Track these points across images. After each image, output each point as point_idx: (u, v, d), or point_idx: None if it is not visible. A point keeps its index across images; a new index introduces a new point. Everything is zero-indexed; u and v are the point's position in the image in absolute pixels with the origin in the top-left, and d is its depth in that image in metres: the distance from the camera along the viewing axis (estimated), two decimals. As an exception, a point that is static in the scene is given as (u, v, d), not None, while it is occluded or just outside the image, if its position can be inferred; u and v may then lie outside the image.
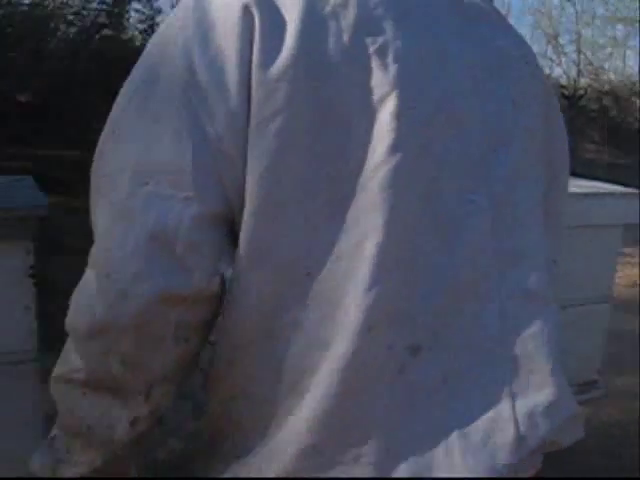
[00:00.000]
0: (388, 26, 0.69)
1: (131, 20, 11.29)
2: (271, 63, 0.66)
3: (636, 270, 5.87)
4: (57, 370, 0.78)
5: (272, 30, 0.66)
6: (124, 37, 10.73)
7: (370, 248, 0.68)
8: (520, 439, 0.75)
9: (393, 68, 0.68)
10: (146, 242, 0.68)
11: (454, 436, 0.72)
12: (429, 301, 0.71)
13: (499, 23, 0.81)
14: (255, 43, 0.66)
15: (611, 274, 2.46)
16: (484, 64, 0.77)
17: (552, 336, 0.79)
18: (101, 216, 0.71)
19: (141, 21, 11.63)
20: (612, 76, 17.02)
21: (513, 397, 0.75)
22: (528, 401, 0.76)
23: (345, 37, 0.68)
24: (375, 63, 0.68)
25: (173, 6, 13.55)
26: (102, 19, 10.15)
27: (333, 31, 0.67)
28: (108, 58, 8.99)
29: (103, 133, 0.75)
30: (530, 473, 0.80)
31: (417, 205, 0.70)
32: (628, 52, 19.08)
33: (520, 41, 0.84)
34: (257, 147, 0.66)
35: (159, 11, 12.31)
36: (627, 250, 5.87)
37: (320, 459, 0.71)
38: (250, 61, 0.67)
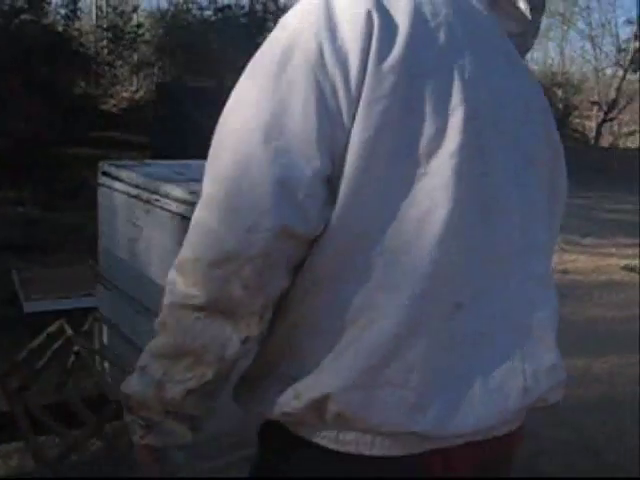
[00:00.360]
0: (467, 53, 0.89)
1: (52, 4, 10.98)
2: (384, 59, 0.82)
3: (566, 256, 6.09)
4: (168, 300, 0.89)
5: (387, 33, 0.84)
6: (45, 22, 10.42)
7: (440, 215, 0.85)
8: (525, 390, 0.92)
9: (466, 84, 0.87)
10: (274, 186, 0.80)
11: (477, 380, 0.89)
12: (473, 268, 0.89)
13: (524, 65, 1.05)
14: (373, 41, 0.83)
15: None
16: (522, 96, 0.98)
17: (555, 313, 0.97)
18: (225, 164, 0.84)
19: (63, 5, 11.33)
20: (534, 67, 17.56)
21: (524, 357, 0.92)
22: (535, 362, 0.93)
23: (437, 52, 0.86)
24: (455, 77, 0.87)
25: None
26: (21, 2, 9.82)
27: (430, 45, 0.86)
28: (28, 44, 8.70)
29: (232, 99, 0.88)
30: (516, 425, 0.97)
31: (471, 192, 0.88)
32: (550, 43, 19.69)
33: (535, 78, 1.09)
34: (363, 121, 0.82)
35: (82, -5, 12.02)
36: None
37: (375, 378, 0.85)
38: (368, 54, 0.82)
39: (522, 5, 1.01)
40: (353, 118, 0.83)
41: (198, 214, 0.86)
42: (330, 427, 0.88)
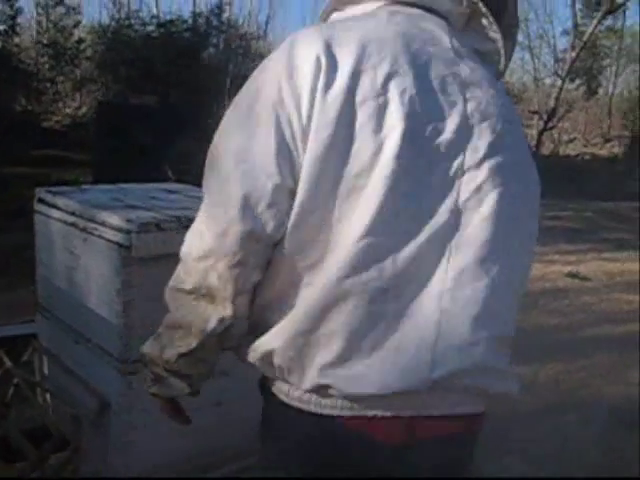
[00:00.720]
0: (408, 78, 1.05)
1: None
2: (328, 92, 1.02)
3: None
4: (170, 283, 1.14)
5: (332, 73, 1.03)
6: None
7: (366, 217, 1.02)
8: (433, 363, 1.05)
9: (406, 105, 1.03)
10: (240, 200, 1.03)
11: (391, 351, 1.04)
12: (397, 262, 1.04)
13: (487, 80, 1.16)
14: (320, 80, 1.02)
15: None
16: (479, 108, 1.11)
17: (481, 302, 1.08)
18: (211, 182, 1.09)
19: (1, 21, 11.09)
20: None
21: (439, 334, 1.05)
22: (447, 341, 1.06)
23: (378, 82, 1.04)
24: (396, 100, 1.03)
25: (37, 5, 13.00)
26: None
27: (371, 77, 1.04)
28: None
29: (219, 128, 1.11)
30: (460, 410, 1.10)
31: (402, 196, 1.03)
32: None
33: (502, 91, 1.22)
34: (314, 143, 1.01)
35: (20, 11, 11.79)
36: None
37: (305, 340, 1.06)
38: (316, 91, 1.02)
39: (493, 26, 1.18)
40: (306, 142, 1.02)
41: (196, 218, 1.11)
42: (284, 382, 1.11)
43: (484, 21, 1.18)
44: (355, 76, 1.03)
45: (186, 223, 1.72)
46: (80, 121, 11.91)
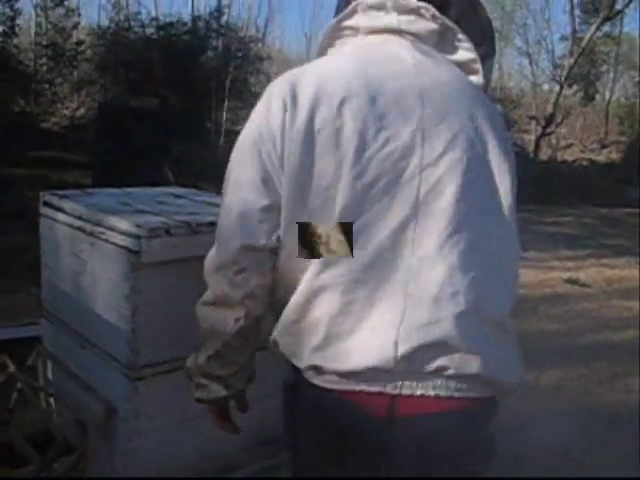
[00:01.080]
0: (362, 99, 1.23)
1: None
2: (293, 126, 1.23)
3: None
4: (199, 301, 1.38)
5: (294, 109, 1.24)
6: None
7: (334, 220, 1.20)
8: (398, 341, 1.18)
9: (358, 124, 1.21)
10: (237, 219, 1.28)
11: (367, 333, 1.20)
12: (364, 256, 1.20)
13: (454, 88, 1.31)
14: (287, 117, 1.24)
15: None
16: (438, 112, 1.26)
17: (441, 282, 1.20)
18: (221, 206, 1.33)
19: (0, 22, 11.08)
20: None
21: (403, 317, 1.19)
22: (410, 321, 1.19)
23: (334, 108, 1.22)
24: (349, 119, 1.21)
25: (37, 6, 12.97)
26: (-44, 20, 9.59)
27: (327, 106, 1.22)
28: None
29: (230, 158, 1.34)
30: (424, 392, 1.19)
31: (362, 198, 1.20)
32: (489, 59, 20.03)
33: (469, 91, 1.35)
34: (288, 168, 1.23)
35: (19, 12, 11.78)
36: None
37: (296, 328, 1.25)
38: (284, 127, 1.24)
39: (458, 36, 1.36)
40: (282, 169, 1.24)
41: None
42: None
43: (450, 34, 1.35)
44: (314, 108, 1.23)
45: (195, 229, 1.74)
46: (79, 122, 11.89)
